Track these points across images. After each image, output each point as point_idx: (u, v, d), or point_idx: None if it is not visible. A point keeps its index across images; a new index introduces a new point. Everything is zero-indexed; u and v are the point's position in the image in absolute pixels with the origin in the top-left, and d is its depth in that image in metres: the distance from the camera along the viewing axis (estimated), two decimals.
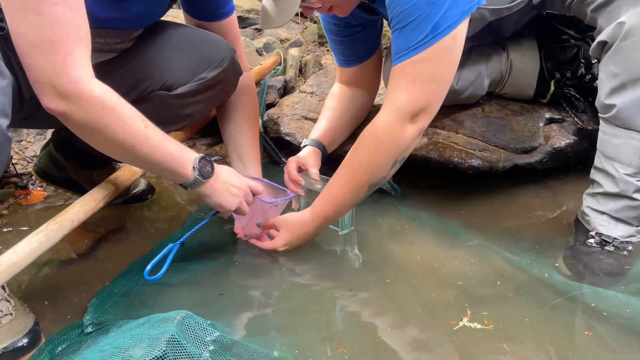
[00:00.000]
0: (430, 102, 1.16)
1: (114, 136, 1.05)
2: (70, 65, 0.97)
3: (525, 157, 1.60)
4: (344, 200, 1.27)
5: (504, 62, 1.65)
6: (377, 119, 1.19)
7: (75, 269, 1.39)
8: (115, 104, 1.04)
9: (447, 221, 1.51)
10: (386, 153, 1.19)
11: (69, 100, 0.99)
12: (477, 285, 1.21)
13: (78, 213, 1.12)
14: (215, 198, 1.23)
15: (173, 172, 1.15)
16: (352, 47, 1.62)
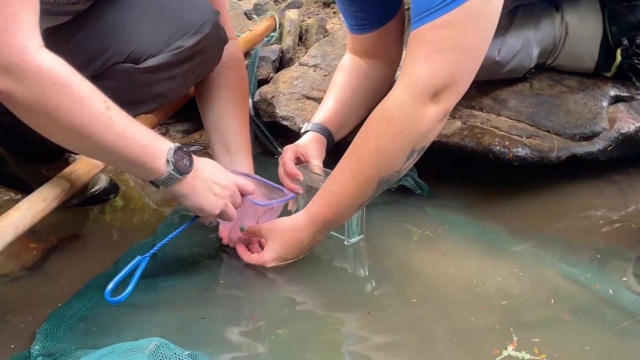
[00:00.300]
0: (457, 77, 1.15)
1: (68, 121, 1.05)
2: (14, 33, 0.97)
3: (584, 145, 1.60)
4: (347, 200, 1.27)
5: (558, 25, 1.65)
6: (389, 97, 1.19)
7: (21, 287, 1.40)
8: (70, 80, 1.04)
9: (486, 225, 1.51)
10: (400, 141, 1.19)
11: (10, 75, 0.99)
12: (525, 305, 1.21)
13: (24, 216, 1.12)
14: (194, 199, 1.23)
15: (141, 165, 1.15)
16: (367, 9, 1.62)
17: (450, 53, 1.13)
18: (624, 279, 1.27)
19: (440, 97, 1.15)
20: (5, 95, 1.02)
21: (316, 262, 1.40)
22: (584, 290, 1.24)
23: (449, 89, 1.15)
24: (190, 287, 1.33)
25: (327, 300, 1.29)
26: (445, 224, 1.53)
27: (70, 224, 1.64)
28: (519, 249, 1.41)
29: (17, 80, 0.99)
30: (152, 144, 1.15)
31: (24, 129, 1.49)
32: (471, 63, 1.16)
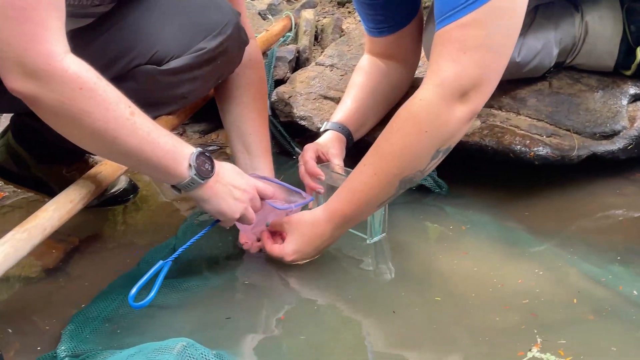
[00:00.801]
0: (484, 77, 1.15)
1: (93, 125, 1.06)
2: (41, 38, 0.98)
3: (605, 143, 1.60)
4: (367, 198, 1.27)
5: (578, 25, 1.64)
6: (416, 97, 1.19)
7: (43, 289, 1.40)
8: (95, 86, 1.05)
9: (506, 225, 1.51)
10: (426, 140, 1.18)
11: (38, 80, 1.00)
12: (548, 305, 1.21)
13: (51, 218, 1.13)
14: (215, 204, 1.24)
15: (164, 170, 1.16)
16: (386, 13, 1.62)
17: (477, 52, 1.12)
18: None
19: (468, 98, 1.15)
20: (31, 99, 1.03)
21: (339, 262, 1.41)
22: (607, 290, 1.23)
23: (477, 89, 1.15)
24: (214, 287, 1.34)
25: (352, 299, 1.29)
26: (466, 223, 1.53)
27: (90, 225, 1.65)
28: (540, 248, 1.41)
29: (44, 84, 1.00)
30: (175, 149, 1.16)
31: (45, 131, 1.50)
32: (499, 62, 1.16)
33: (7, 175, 1.66)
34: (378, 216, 1.42)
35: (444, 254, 1.42)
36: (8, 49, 0.98)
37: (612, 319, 1.15)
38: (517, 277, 1.30)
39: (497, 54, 1.15)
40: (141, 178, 1.89)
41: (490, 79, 1.16)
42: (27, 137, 1.59)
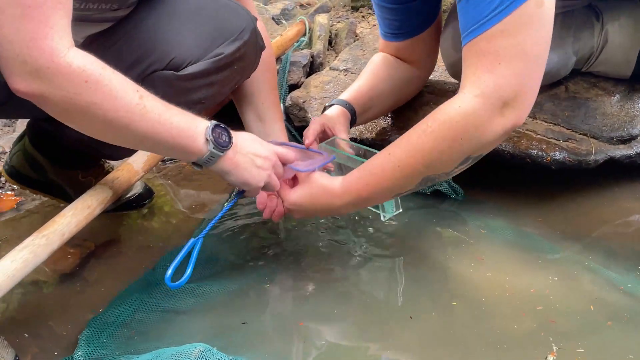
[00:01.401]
0: (524, 87, 1.11)
1: (104, 115, 1.05)
2: (45, 35, 0.97)
3: (622, 148, 1.60)
4: (385, 185, 1.24)
5: (597, 35, 1.63)
6: (453, 103, 1.15)
7: (60, 293, 1.41)
8: (101, 76, 1.04)
9: (523, 231, 1.50)
10: (459, 147, 1.15)
11: (42, 77, 0.99)
12: (565, 312, 1.21)
13: (69, 224, 1.14)
14: (238, 174, 1.23)
15: (181, 148, 1.15)
16: (403, 19, 1.62)
17: (512, 61, 1.09)
18: None
19: (509, 110, 1.11)
20: (39, 98, 1.02)
21: (357, 267, 1.41)
22: (625, 297, 1.23)
23: (518, 101, 1.11)
24: (230, 292, 1.34)
25: (370, 304, 1.30)
26: (482, 229, 1.52)
27: (106, 230, 1.65)
28: (558, 255, 1.41)
29: (49, 82, 1.00)
30: (190, 125, 1.15)
31: (62, 136, 1.52)
32: (535, 70, 1.13)
33: (23, 180, 1.67)
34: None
35: (460, 259, 1.41)
36: (11, 48, 0.97)
37: (630, 327, 1.15)
38: (533, 284, 1.29)
39: (532, 63, 1.11)
40: (156, 183, 1.90)
41: (530, 89, 1.13)
42: (43, 142, 1.60)
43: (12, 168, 1.66)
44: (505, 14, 1.07)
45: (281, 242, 1.53)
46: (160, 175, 1.98)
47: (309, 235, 1.55)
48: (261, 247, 1.50)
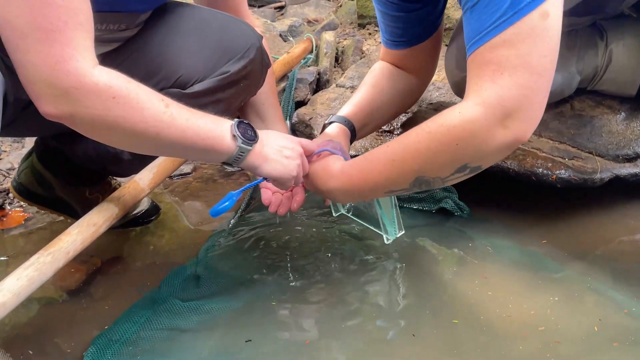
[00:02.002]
0: (528, 100, 1.08)
1: (133, 128, 1.07)
2: (70, 58, 0.98)
3: (628, 166, 1.59)
4: (378, 178, 1.24)
5: (601, 55, 1.64)
6: (456, 109, 1.13)
7: (66, 310, 1.41)
8: (127, 90, 1.06)
9: (529, 249, 1.50)
10: (454, 153, 1.13)
11: (71, 99, 1.00)
12: (569, 332, 1.20)
13: (74, 242, 1.14)
14: (269, 167, 1.24)
15: (211, 149, 1.17)
16: (406, 27, 1.63)
17: (515, 72, 1.07)
18: None
19: (511, 122, 1.08)
20: (68, 119, 1.04)
21: (362, 282, 1.41)
22: (629, 319, 1.22)
23: (521, 114, 1.08)
24: (235, 309, 1.34)
25: (374, 321, 1.29)
26: (488, 247, 1.51)
27: (112, 246, 1.65)
28: (563, 274, 1.40)
29: (78, 102, 1.01)
30: (216, 126, 1.17)
31: (69, 153, 1.53)
32: (540, 83, 1.09)
33: (31, 197, 1.68)
34: (391, 216, 1.42)
35: (464, 278, 1.41)
36: (37, 72, 0.98)
37: (635, 349, 1.13)
38: (537, 304, 1.29)
39: (537, 75, 1.08)
40: (163, 199, 1.90)
41: (535, 103, 1.09)
42: (51, 159, 1.61)
43: (20, 185, 1.67)
44: (508, 24, 1.06)
45: (287, 259, 1.53)
46: (167, 191, 1.98)
47: (314, 252, 1.54)
48: (267, 265, 1.50)
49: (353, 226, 1.64)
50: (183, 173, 2.06)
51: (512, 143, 1.10)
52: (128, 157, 1.49)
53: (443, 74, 1.94)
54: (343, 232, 1.62)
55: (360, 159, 1.28)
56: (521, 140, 1.10)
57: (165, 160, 1.40)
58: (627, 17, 1.65)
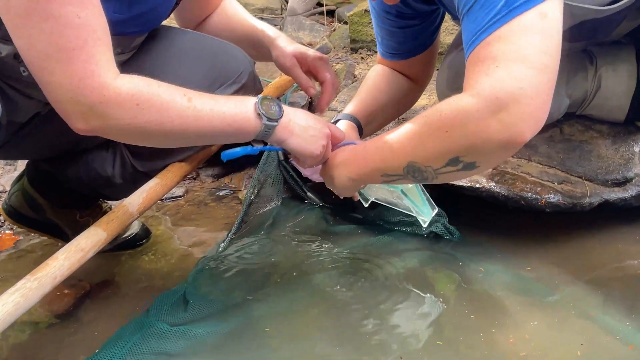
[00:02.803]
0: (525, 94, 1.01)
1: (162, 128, 1.10)
2: (92, 74, 1.00)
3: (617, 191, 1.59)
4: (375, 159, 1.24)
5: (591, 80, 1.64)
6: (450, 99, 1.09)
7: (54, 335, 1.40)
8: (149, 94, 1.07)
9: (519, 274, 1.49)
10: (445, 140, 1.08)
11: (98, 113, 1.03)
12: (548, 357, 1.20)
13: (61, 267, 1.13)
14: (297, 142, 1.25)
15: (240, 131, 1.19)
16: (402, 42, 1.66)
17: (511, 65, 1.01)
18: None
19: (506, 115, 1.01)
20: (101, 132, 1.07)
21: (352, 309, 1.40)
22: (617, 344, 1.21)
23: (516, 108, 1.01)
24: (224, 333, 1.32)
25: (364, 344, 1.28)
26: (477, 271, 1.50)
27: (102, 270, 1.65)
28: (552, 298, 1.38)
29: (105, 115, 1.03)
30: (240, 108, 1.18)
31: (60, 177, 1.53)
32: (540, 80, 1.02)
33: (22, 220, 1.68)
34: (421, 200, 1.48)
35: (452, 300, 1.40)
36: (63, 92, 1.00)
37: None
38: (523, 328, 1.28)
39: (535, 70, 1.01)
40: (154, 222, 1.89)
41: (533, 99, 1.01)
42: (42, 182, 1.61)
43: (11, 207, 1.67)
44: (503, 22, 1.03)
45: (277, 282, 1.52)
46: (158, 214, 1.98)
47: (304, 275, 1.54)
48: (257, 288, 1.49)
49: (343, 249, 1.63)
50: (175, 196, 2.06)
51: (508, 141, 1.03)
52: (119, 180, 1.49)
53: (434, 97, 1.96)
54: (334, 256, 1.61)
55: (369, 143, 1.28)
56: (518, 141, 1.03)
57: (156, 185, 1.39)
58: (617, 43, 1.66)
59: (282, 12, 3.72)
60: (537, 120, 1.04)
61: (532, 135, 1.04)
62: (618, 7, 1.35)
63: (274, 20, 3.51)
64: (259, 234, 1.77)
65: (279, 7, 3.76)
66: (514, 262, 1.53)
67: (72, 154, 1.50)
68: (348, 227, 1.77)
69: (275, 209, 1.93)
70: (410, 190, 1.46)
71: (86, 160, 1.49)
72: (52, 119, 1.38)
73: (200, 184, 2.16)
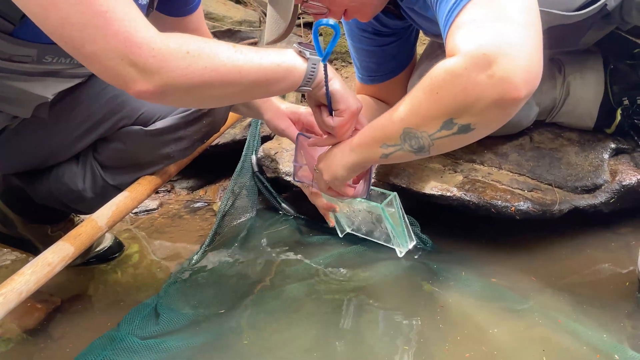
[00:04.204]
0: (512, 46, 0.96)
1: (219, 74, 1.06)
2: (134, 30, 0.97)
3: (587, 197, 1.60)
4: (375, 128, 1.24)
5: (559, 88, 1.67)
6: (440, 62, 1.06)
7: (23, 350, 1.39)
8: (195, 42, 1.05)
9: (491, 282, 1.49)
10: (437, 102, 1.06)
11: (154, 69, 0.99)
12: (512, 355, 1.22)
13: (27, 282, 1.12)
14: (339, 84, 1.22)
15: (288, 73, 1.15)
16: (380, 61, 1.66)
17: (493, 23, 0.98)
18: (630, 338, 1.25)
19: (496, 69, 0.96)
20: (162, 91, 1.02)
21: (326, 319, 1.40)
22: (591, 349, 1.21)
23: (505, 60, 0.96)
24: (194, 347, 1.31)
25: (326, 350, 1.29)
26: (450, 280, 1.51)
27: (74, 284, 1.64)
28: (525, 306, 1.39)
29: (161, 70, 1.00)
30: (282, 54, 1.15)
31: (31, 191, 1.52)
32: (525, 33, 0.98)
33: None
34: (400, 229, 1.48)
35: (425, 310, 1.40)
36: (112, 56, 0.97)
37: None
38: (499, 337, 1.28)
39: (518, 25, 0.98)
40: (127, 235, 1.89)
41: (521, 50, 0.97)
42: (12, 197, 1.60)
43: None
44: None
45: (253, 294, 1.51)
46: (133, 227, 1.97)
47: (279, 286, 1.54)
48: (230, 300, 1.48)
49: (317, 259, 1.64)
50: (149, 209, 2.05)
51: (501, 97, 0.98)
52: (90, 195, 1.49)
53: None
54: (308, 266, 1.61)
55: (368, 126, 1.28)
56: (512, 96, 0.98)
57: (125, 198, 1.39)
58: (586, 52, 1.68)
59: (260, 24, 3.72)
60: (529, 73, 0.98)
61: (528, 91, 0.99)
62: (585, 13, 1.37)
63: (252, 33, 3.51)
64: (233, 246, 1.76)
65: (257, 20, 3.76)
66: (486, 271, 1.54)
67: (43, 169, 1.49)
68: (322, 237, 1.77)
69: (249, 220, 1.93)
70: (393, 214, 1.46)
71: (56, 175, 1.48)
72: (22, 132, 1.38)
73: (175, 197, 2.16)
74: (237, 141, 2.16)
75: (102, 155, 1.45)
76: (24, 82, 1.21)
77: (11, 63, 1.16)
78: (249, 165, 1.96)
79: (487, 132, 1.09)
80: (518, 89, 0.97)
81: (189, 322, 1.41)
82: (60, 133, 1.40)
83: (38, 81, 1.23)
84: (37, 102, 1.27)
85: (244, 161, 1.96)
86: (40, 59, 1.17)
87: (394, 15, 1.51)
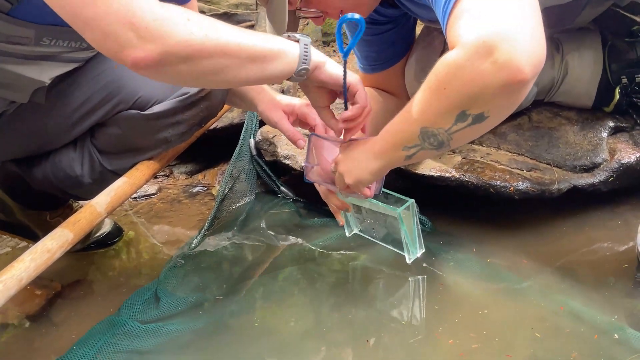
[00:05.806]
0: (510, 28, 0.95)
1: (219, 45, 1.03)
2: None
3: (585, 176, 1.60)
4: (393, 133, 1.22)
5: (557, 66, 1.66)
6: (442, 58, 1.05)
7: (25, 336, 1.40)
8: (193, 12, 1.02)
9: (490, 262, 1.50)
10: (446, 98, 1.05)
11: (155, 34, 0.96)
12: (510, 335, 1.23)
13: (27, 269, 1.12)
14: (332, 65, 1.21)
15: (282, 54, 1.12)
16: (379, 50, 1.65)
17: (491, 9, 0.97)
18: (629, 316, 1.26)
19: (499, 54, 0.95)
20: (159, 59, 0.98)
21: (324, 299, 1.40)
22: (590, 328, 1.22)
23: (506, 44, 0.94)
24: (195, 330, 1.32)
25: (325, 329, 1.30)
26: (449, 261, 1.51)
27: (74, 270, 1.64)
28: (524, 285, 1.39)
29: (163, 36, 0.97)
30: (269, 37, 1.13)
31: (29, 178, 1.51)
32: (522, 16, 0.97)
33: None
34: (414, 235, 1.46)
35: (425, 291, 1.41)
36: (113, 18, 0.94)
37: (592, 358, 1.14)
38: (499, 317, 1.29)
39: (516, 8, 0.97)
40: (127, 221, 1.89)
41: (521, 32, 0.96)
42: (11, 184, 1.60)
43: None
44: None
45: (253, 278, 1.52)
46: (132, 212, 1.97)
47: (278, 271, 1.55)
48: (230, 284, 1.49)
49: (317, 242, 1.64)
50: (147, 194, 2.05)
51: (508, 81, 0.96)
52: (88, 180, 1.48)
53: None
54: (307, 249, 1.62)
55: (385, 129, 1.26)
56: (518, 78, 0.96)
57: (124, 184, 1.38)
58: (583, 29, 1.67)
59: (257, 7, 3.70)
60: (532, 54, 0.97)
61: (534, 71, 0.97)
62: None
63: (249, 15, 3.49)
64: (232, 229, 1.77)
65: (253, 3, 3.74)
66: (485, 251, 1.54)
67: (40, 154, 1.49)
68: (321, 220, 1.78)
69: (248, 203, 1.93)
70: (408, 221, 1.46)
71: (54, 161, 1.47)
72: (19, 117, 1.37)
73: (174, 181, 2.16)
74: (235, 125, 2.15)
75: (99, 141, 1.44)
76: (21, 66, 1.20)
77: (8, 45, 1.15)
78: (247, 149, 1.96)
79: (502, 117, 1.08)
80: (523, 72, 0.95)
81: (190, 305, 1.42)
82: (57, 118, 1.40)
83: (35, 64, 1.22)
84: (34, 87, 1.26)
85: (242, 145, 1.96)
86: (38, 41, 1.17)
87: (388, 4, 1.51)
